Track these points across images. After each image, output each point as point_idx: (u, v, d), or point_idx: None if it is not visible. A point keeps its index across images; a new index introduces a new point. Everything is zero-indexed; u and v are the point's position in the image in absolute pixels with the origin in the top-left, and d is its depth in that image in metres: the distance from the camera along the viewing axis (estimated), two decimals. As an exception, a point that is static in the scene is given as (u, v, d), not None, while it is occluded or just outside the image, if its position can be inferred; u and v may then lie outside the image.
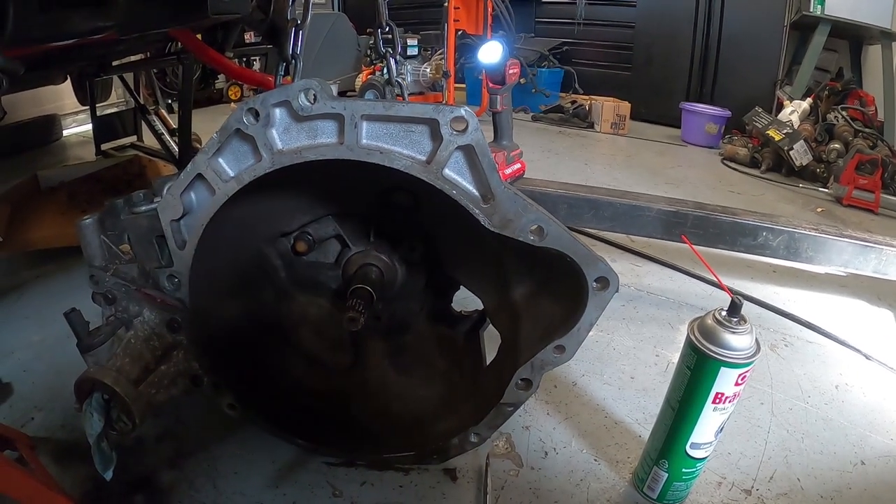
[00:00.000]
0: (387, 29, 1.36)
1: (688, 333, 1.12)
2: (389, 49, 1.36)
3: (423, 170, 0.87)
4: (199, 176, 0.96)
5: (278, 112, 0.90)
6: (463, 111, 0.83)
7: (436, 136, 0.86)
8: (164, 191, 1.06)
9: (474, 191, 0.88)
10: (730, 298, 1.08)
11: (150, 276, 1.10)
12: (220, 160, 0.95)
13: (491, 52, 2.02)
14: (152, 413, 1.10)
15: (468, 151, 0.86)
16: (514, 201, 0.88)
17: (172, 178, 1.14)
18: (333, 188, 1.16)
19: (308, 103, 0.88)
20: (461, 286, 1.34)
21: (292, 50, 1.18)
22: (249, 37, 3.60)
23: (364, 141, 0.88)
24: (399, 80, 1.37)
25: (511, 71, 2.02)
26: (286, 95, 0.88)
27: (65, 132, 4.81)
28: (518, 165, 2.16)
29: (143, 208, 1.09)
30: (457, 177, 0.88)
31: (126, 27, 1.49)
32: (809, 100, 4.53)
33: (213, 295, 1.16)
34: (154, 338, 1.13)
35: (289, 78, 1.20)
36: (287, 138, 0.92)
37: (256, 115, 0.89)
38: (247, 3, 1.53)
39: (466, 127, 0.84)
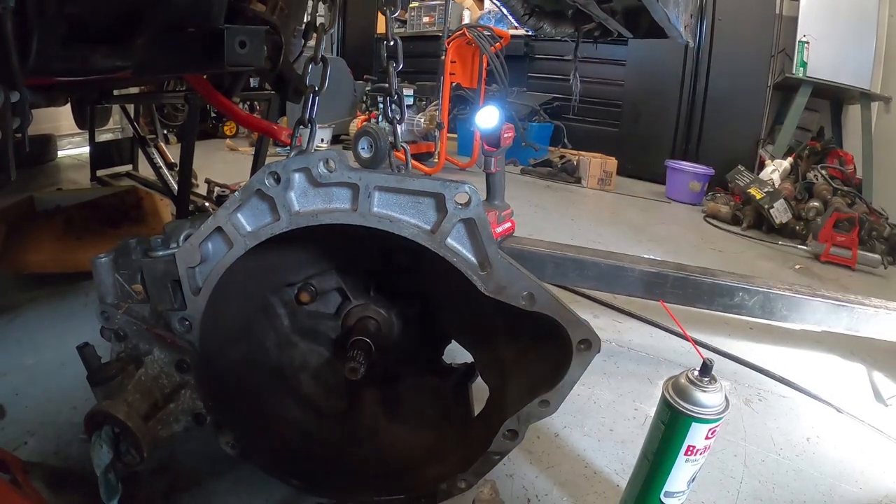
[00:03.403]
0: (395, 97, 1.45)
1: (663, 391, 1.20)
2: (397, 116, 1.45)
3: (428, 238, 0.95)
4: (219, 229, 1.03)
5: (297, 177, 0.98)
6: (467, 188, 0.92)
7: (441, 209, 0.94)
8: (182, 238, 1.13)
9: (473, 259, 0.97)
10: (702, 359, 1.17)
11: (162, 317, 1.15)
12: (240, 216, 1.02)
13: (488, 117, 2.12)
14: (154, 447, 1.15)
15: (469, 224, 0.94)
16: (508, 270, 0.96)
17: (184, 224, 1.20)
18: (339, 245, 1.23)
19: (326, 171, 0.95)
20: (453, 340, 1.42)
21: (309, 115, 1.26)
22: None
23: (375, 209, 0.96)
24: (404, 145, 1.45)
25: (506, 135, 2.11)
26: (307, 163, 0.96)
27: (59, 153, 4.82)
28: (508, 224, 2.24)
29: (161, 253, 1.14)
30: (458, 246, 0.96)
31: (142, 69, 1.55)
32: (790, 159, 4.68)
33: (220, 338, 1.21)
34: (163, 376, 1.17)
35: (301, 137, 1.28)
36: (304, 201, 0.99)
37: (277, 178, 0.97)
38: (261, 56, 1.61)
39: (469, 201, 0.92)
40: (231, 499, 1.35)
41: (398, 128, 1.44)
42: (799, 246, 3.94)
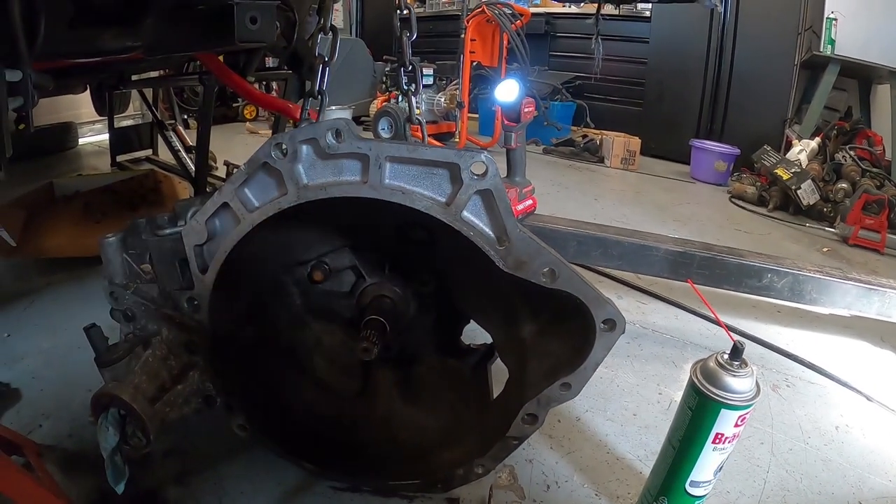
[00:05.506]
0: (410, 68, 1.40)
1: (690, 375, 1.15)
2: (412, 87, 1.41)
3: (443, 211, 0.91)
4: (225, 205, 0.99)
5: (305, 148, 0.94)
6: (483, 157, 0.87)
7: (456, 180, 0.90)
8: (189, 216, 1.10)
9: (491, 233, 0.92)
10: (732, 342, 1.11)
11: (170, 297, 1.13)
12: (247, 191, 0.99)
13: (508, 91, 2.06)
14: (164, 430, 1.13)
15: (486, 195, 0.90)
16: (528, 244, 0.91)
17: (195, 202, 1.17)
18: (352, 221, 1.20)
19: (335, 142, 0.91)
20: (471, 320, 1.38)
21: (319, 86, 1.22)
22: (269, 60, 3.67)
23: (387, 181, 0.91)
24: (419, 118, 1.40)
25: (526, 109, 2.06)
26: (314, 133, 0.92)
27: (80, 141, 4.89)
28: (530, 202, 2.19)
29: (168, 231, 1.12)
30: (474, 219, 0.91)
31: (152, 48, 1.52)
32: (818, 139, 4.56)
33: (231, 318, 1.19)
34: (171, 357, 1.14)
35: (314, 111, 1.24)
36: (312, 174, 0.95)
37: (284, 150, 0.93)
38: (272, 32, 1.58)
39: (486, 172, 0.88)
40: (243, 482, 1.33)
41: (413, 100, 1.40)
42: (826, 228, 3.84)
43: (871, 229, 3.53)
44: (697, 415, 1.13)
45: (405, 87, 1.41)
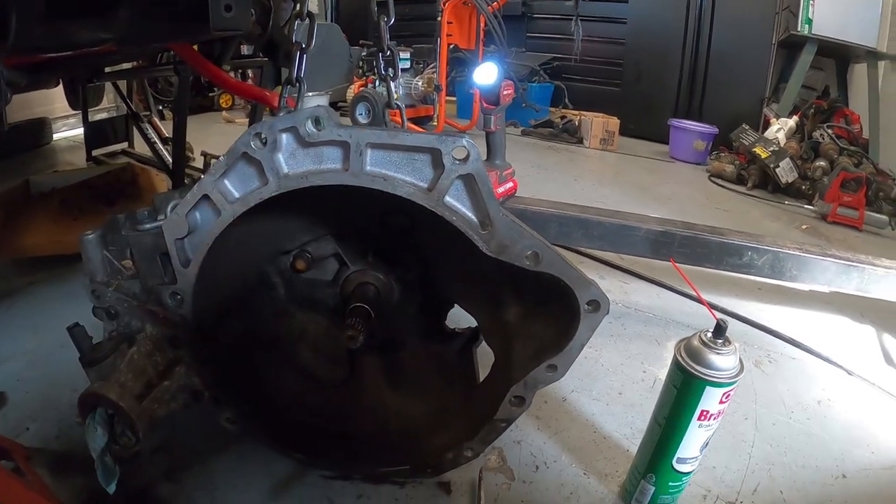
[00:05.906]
0: (388, 53, 1.39)
1: (675, 353, 1.16)
2: (390, 72, 1.40)
3: (425, 197, 0.90)
4: (206, 197, 0.98)
5: (285, 137, 0.93)
6: (465, 142, 0.87)
7: (438, 165, 0.89)
8: (169, 209, 1.09)
9: (473, 217, 0.92)
10: (715, 320, 1.12)
11: (153, 292, 1.11)
12: (227, 182, 0.97)
13: (487, 74, 2.05)
14: (152, 427, 1.12)
15: (468, 180, 0.89)
16: (511, 228, 0.91)
17: (174, 195, 1.16)
18: (334, 209, 1.19)
19: (315, 130, 0.90)
20: (455, 305, 1.38)
21: (297, 73, 1.21)
22: (243, 48, 3.62)
23: (368, 168, 0.91)
24: (398, 103, 1.39)
25: (506, 92, 2.05)
26: (294, 122, 0.91)
27: (55, 136, 4.79)
28: (510, 184, 2.19)
29: (148, 226, 1.10)
30: (457, 204, 0.91)
31: (126, 40, 1.50)
32: (796, 118, 4.60)
33: (215, 311, 1.18)
34: (156, 353, 1.13)
35: (291, 98, 1.23)
36: (293, 163, 0.94)
37: (264, 139, 0.92)
38: (247, 20, 1.55)
39: (467, 156, 0.87)
40: (233, 475, 1.33)
41: (392, 86, 1.39)
42: (805, 206, 3.89)
43: (849, 206, 3.59)
44: (682, 393, 1.14)
45: (384, 73, 1.40)
